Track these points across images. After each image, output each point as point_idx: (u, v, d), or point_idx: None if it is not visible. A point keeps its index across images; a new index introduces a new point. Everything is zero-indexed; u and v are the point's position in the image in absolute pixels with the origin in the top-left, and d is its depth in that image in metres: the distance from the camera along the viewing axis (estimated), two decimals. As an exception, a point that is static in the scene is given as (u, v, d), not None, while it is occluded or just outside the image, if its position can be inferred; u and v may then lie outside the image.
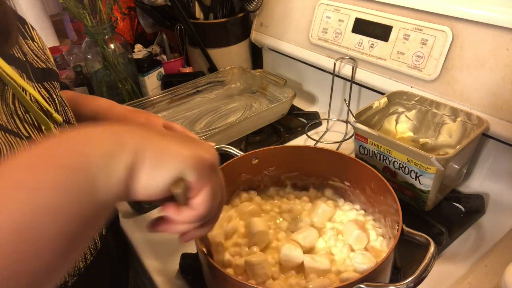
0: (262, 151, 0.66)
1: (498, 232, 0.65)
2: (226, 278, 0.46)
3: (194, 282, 0.60)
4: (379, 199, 0.58)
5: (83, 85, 1.08)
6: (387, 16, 0.80)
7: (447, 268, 0.60)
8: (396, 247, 0.48)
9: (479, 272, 0.58)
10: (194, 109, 0.99)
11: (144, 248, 0.68)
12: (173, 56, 1.22)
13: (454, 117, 0.71)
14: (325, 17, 0.91)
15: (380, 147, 0.67)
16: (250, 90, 1.04)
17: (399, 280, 0.53)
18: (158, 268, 0.65)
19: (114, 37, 1.00)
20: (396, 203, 0.52)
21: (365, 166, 0.59)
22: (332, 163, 0.64)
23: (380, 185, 0.56)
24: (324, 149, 0.65)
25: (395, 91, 0.77)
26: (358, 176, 0.62)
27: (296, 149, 0.67)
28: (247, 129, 0.89)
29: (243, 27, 1.14)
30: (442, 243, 0.62)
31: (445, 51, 0.71)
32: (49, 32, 1.49)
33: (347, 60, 0.88)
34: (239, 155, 0.64)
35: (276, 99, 0.97)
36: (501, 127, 0.66)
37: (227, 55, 1.14)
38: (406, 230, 0.49)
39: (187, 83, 1.00)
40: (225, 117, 0.96)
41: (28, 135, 0.46)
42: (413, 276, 0.43)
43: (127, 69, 1.04)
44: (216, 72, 1.05)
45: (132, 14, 1.27)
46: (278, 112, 0.92)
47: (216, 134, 0.81)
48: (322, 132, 0.95)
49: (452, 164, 0.64)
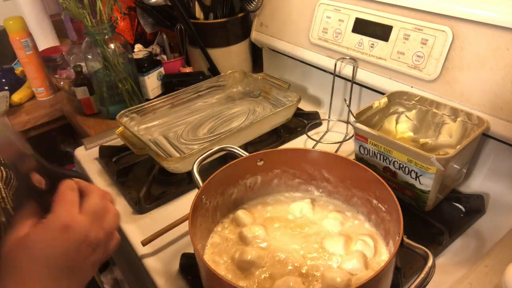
0: (268, 153, 0.65)
1: (498, 232, 0.65)
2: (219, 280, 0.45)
3: (194, 282, 0.60)
4: (383, 207, 0.58)
5: (83, 85, 1.08)
6: (387, 16, 0.80)
7: (447, 268, 0.60)
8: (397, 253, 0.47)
9: (479, 272, 0.58)
10: (196, 114, 0.97)
11: (144, 248, 0.68)
12: (173, 56, 1.22)
13: (454, 117, 0.71)
14: (325, 17, 0.91)
15: (380, 147, 0.67)
16: (252, 94, 1.04)
17: (399, 280, 0.53)
18: (158, 268, 0.65)
19: (114, 37, 1.00)
20: (399, 213, 0.51)
21: (370, 172, 0.58)
22: (338, 168, 0.64)
23: (385, 194, 0.56)
24: (331, 153, 0.64)
25: (395, 91, 0.77)
26: (363, 183, 0.61)
27: (303, 152, 0.66)
28: (253, 134, 0.88)
29: (243, 27, 1.14)
30: (442, 243, 0.62)
31: (445, 51, 0.71)
32: (49, 32, 1.49)
33: (348, 61, 0.88)
34: (244, 156, 0.64)
35: (280, 103, 0.96)
36: (501, 127, 0.66)
37: (227, 55, 1.14)
38: (406, 241, 0.49)
39: (187, 87, 0.99)
40: (228, 122, 0.94)
41: None
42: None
43: (127, 69, 1.04)
44: (217, 76, 1.05)
45: (132, 14, 1.27)
46: (283, 116, 0.91)
47: (221, 140, 0.80)
48: (323, 132, 0.95)
49: (452, 164, 0.64)
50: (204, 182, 0.58)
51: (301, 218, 0.64)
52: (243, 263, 0.55)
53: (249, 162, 0.64)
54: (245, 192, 0.67)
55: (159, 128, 0.93)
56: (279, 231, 0.62)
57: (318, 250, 0.58)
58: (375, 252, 0.57)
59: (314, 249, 0.58)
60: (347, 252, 0.57)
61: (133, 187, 0.81)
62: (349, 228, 0.62)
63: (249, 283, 0.54)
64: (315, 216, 0.64)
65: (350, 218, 0.64)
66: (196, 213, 0.55)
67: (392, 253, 0.48)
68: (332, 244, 0.58)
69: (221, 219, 0.65)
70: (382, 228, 0.59)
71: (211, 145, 0.78)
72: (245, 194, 0.68)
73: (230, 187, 0.64)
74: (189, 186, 0.80)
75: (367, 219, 0.63)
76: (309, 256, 0.57)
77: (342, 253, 0.57)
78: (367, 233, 0.60)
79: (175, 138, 0.89)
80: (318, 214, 0.65)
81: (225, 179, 0.63)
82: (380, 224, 0.60)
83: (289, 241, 0.60)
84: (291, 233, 0.61)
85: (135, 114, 0.90)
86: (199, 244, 0.57)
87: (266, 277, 0.54)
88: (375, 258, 0.56)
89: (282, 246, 0.59)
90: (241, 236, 0.60)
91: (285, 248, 0.58)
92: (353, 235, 0.60)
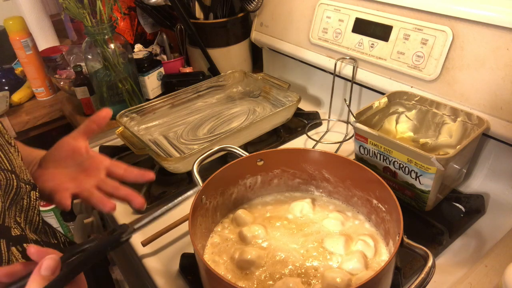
0: (268, 152, 0.65)
1: (498, 232, 0.65)
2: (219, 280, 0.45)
3: (194, 282, 0.60)
4: (383, 207, 0.58)
5: (83, 85, 1.08)
6: (387, 16, 0.80)
7: (447, 268, 0.60)
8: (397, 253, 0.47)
9: (479, 272, 0.58)
10: (196, 114, 0.97)
11: (144, 248, 0.68)
12: (173, 56, 1.22)
13: (454, 117, 0.71)
14: (325, 17, 0.91)
15: (380, 147, 0.67)
16: (252, 94, 1.04)
17: (399, 280, 0.53)
18: (158, 268, 0.65)
19: (114, 37, 1.00)
20: (399, 213, 0.51)
21: (370, 172, 0.58)
22: (339, 168, 0.64)
23: (385, 194, 0.56)
24: (331, 153, 0.64)
25: (395, 91, 0.77)
26: (363, 183, 0.61)
27: (303, 152, 0.66)
28: (253, 134, 0.88)
29: (243, 27, 1.14)
30: (442, 243, 0.62)
31: (445, 51, 0.71)
32: (49, 32, 1.49)
33: (348, 61, 0.88)
34: (244, 156, 0.64)
35: (280, 103, 0.96)
36: (501, 127, 0.66)
37: (227, 55, 1.14)
38: (406, 242, 0.49)
39: (187, 87, 0.99)
40: (228, 122, 0.94)
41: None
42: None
43: (127, 69, 1.04)
44: (217, 76, 1.05)
45: (132, 14, 1.27)
46: (283, 116, 0.91)
47: (221, 140, 0.80)
48: (323, 132, 0.95)
49: (452, 164, 0.64)
50: (204, 182, 0.58)
51: (302, 218, 0.64)
52: (243, 262, 0.55)
53: (249, 162, 0.64)
54: (245, 192, 0.67)
55: (159, 128, 0.93)
56: (279, 231, 0.62)
57: (318, 249, 0.58)
58: (375, 252, 0.57)
59: (314, 248, 0.58)
60: (347, 252, 0.57)
61: (133, 187, 0.81)
62: (349, 228, 0.62)
63: (249, 283, 0.54)
64: (316, 216, 0.64)
65: (350, 218, 0.64)
66: (196, 213, 0.55)
67: (392, 253, 0.48)
68: (332, 244, 0.58)
69: (221, 219, 0.65)
70: (382, 228, 0.59)
71: (211, 145, 0.78)
72: (245, 194, 0.68)
73: (230, 187, 0.64)
74: (189, 186, 0.80)
75: (367, 219, 0.63)
76: (309, 255, 0.57)
77: (342, 253, 0.57)
78: (367, 233, 0.60)
79: (175, 138, 0.89)
80: (318, 213, 0.65)
81: (225, 179, 0.63)
82: (380, 224, 0.60)
83: (289, 240, 0.60)
84: (291, 232, 0.61)
85: (135, 114, 0.91)
86: (199, 244, 0.57)
87: (266, 277, 0.54)
88: (375, 258, 0.56)
89: (282, 246, 0.59)
90: (241, 236, 0.60)
91: (285, 248, 0.58)
92: (354, 235, 0.60)
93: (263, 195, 0.69)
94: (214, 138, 0.86)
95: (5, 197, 0.50)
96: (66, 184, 0.61)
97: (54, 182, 0.60)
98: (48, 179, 0.61)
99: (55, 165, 0.62)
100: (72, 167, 0.62)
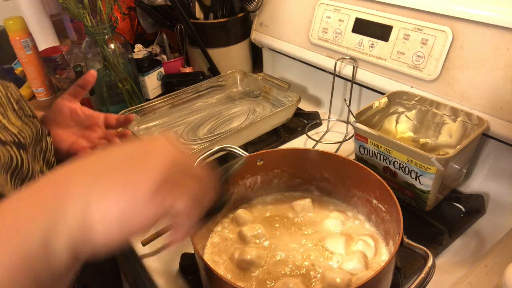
0: (268, 152, 0.65)
1: (498, 232, 0.65)
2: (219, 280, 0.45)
3: (194, 282, 0.60)
4: (383, 207, 0.58)
5: (83, 85, 1.08)
6: (387, 16, 0.80)
7: (447, 268, 0.60)
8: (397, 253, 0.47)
9: (479, 272, 0.58)
10: (196, 114, 0.97)
11: (144, 248, 0.68)
12: (173, 56, 1.22)
13: (454, 117, 0.71)
14: (325, 17, 0.91)
15: (380, 147, 0.67)
16: (252, 94, 1.04)
17: (399, 280, 0.53)
18: (158, 268, 0.65)
19: (114, 37, 0.99)
20: (399, 213, 0.51)
21: (370, 172, 0.58)
22: (339, 168, 0.64)
23: (385, 194, 0.56)
24: (331, 153, 0.64)
25: (395, 91, 0.77)
26: (363, 183, 0.61)
27: (303, 152, 0.66)
28: (253, 134, 0.88)
29: (243, 27, 1.14)
30: (442, 243, 0.62)
31: (445, 51, 0.71)
32: (49, 32, 1.49)
33: (348, 61, 0.88)
34: (244, 156, 0.64)
35: (280, 103, 0.96)
36: (501, 127, 0.66)
37: (227, 55, 1.14)
38: (406, 241, 0.49)
39: (187, 87, 0.99)
40: (228, 122, 0.94)
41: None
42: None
43: (127, 69, 1.04)
44: (217, 76, 1.05)
45: (132, 14, 1.27)
46: (283, 116, 0.91)
47: (221, 140, 0.80)
48: (323, 132, 0.95)
49: (452, 164, 0.64)
50: (204, 182, 0.58)
51: (302, 218, 0.64)
52: (242, 262, 0.55)
53: (249, 162, 0.64)
54: (245, 192, 0.67)
55: (159, 128, 0.93)
56: (279, 231, 0.62)
57: (318, 249, 0.58)
58: (375, 252, 0.57)
59: (314, 248, 0.58)
60: (347, 252, 0.57)
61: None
62: (349, 228, 0.62)
63: (249, 283, 0.54)
64: (316, 216, 0.64)
65: (351, 218, 0.64)
66: (196, 213, 0.55)
67: (392, 253, 0.48)
68: (333, 244, 0.58)
69: (221, 219, 0.65)
70: (382, 228, 0.59)
71: (211, 145, 0.78)
72: (245, 194, 0.68)
73: (230, 187, 0.64)
74: (189, 186, 0.79)
75: (367, 219, 0.63)
76: (309, 255, 0.57)
77: (343, 253, 0.57)
78: (367, 233, 0.60)
79: (175, 138, 0.89)
80: (318, 213, 0.65)
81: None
82: (380, 224, 0.60)
83: (289, 240, 0.60)
84: (291, 232, 0.61)
85: (135, 114, 0.90)
86: (199, 244, 0.57)
87: (266, 277, 0.54)
88: (375, 258, 0.56)
89: (282, 246, 0.59)
90: (240, 235, 0.60)
91: (285, 248, 0.58)
92: (354, 235, 0.60)
93: (263, 195, 0.69)
94: (214, 138, 0.86)
95: (32, 137, 0.54)
96: (81, 142, 0.66)
97: (68, 142, 0.66)
98: (60, 139, 0.65)
99: (58, 126, 0.67)
100: (74, 127, 0.68)
